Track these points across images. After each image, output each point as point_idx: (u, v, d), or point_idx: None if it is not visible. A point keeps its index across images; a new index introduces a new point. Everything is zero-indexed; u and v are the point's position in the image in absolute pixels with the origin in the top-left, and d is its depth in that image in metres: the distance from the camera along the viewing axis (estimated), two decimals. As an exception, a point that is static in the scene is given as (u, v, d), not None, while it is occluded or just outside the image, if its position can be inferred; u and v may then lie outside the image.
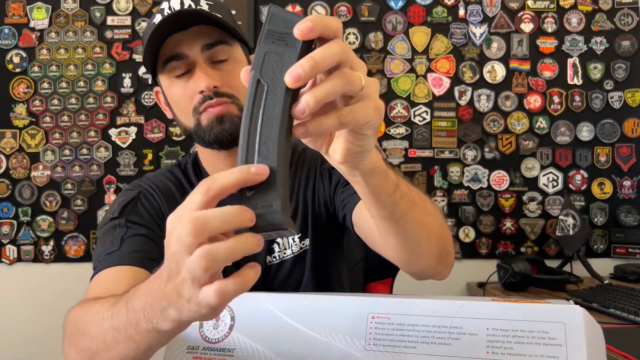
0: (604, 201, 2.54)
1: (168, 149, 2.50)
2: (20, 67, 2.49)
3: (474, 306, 0.70)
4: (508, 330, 0.66)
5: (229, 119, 1.14)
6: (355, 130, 0.61)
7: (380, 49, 2.54)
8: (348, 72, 0.57)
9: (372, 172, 0.70)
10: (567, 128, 2.54)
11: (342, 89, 0.57)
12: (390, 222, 0.81)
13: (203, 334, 0.83)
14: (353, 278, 1.58)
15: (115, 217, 1.19)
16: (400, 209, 0.79)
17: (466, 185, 2.53)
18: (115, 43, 2.50)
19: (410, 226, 0.83)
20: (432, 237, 0.88)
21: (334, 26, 0.58)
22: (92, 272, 1.10)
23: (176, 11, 1.10)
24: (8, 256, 2.47)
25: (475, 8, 2.54)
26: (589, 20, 2.55)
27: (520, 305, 0.69)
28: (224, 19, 1.13)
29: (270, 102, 0.57)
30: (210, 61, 1.16)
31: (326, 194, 1.27)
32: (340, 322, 0.76)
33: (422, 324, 0.71)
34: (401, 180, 0.79)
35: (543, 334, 0.65)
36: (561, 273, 2.23)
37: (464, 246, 2.53)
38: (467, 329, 0.68)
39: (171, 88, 1.18)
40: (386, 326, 0.73)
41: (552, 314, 0.66)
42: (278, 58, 0.57)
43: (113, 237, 1.15)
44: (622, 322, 1.56)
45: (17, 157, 2.48)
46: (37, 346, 2.43)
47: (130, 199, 1.23)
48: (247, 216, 0.55)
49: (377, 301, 0.76)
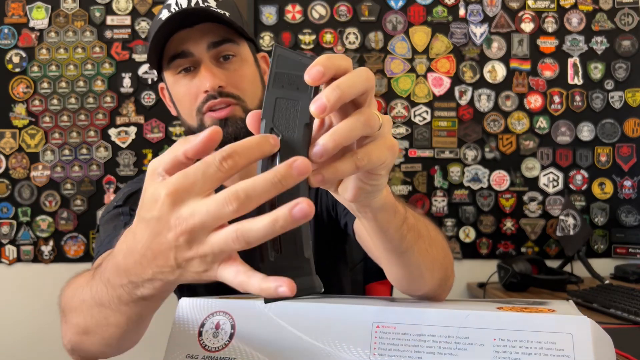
0: (604, 201, 2.54)
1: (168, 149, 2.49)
2: (20, 67, 2.48)
3: (480, 316, 0.70)
4: (515, 341, 0.66)
5: (233, 122, 1.13)
6: (369, 172, 0.59)
7: (380, 48, 2.53)
8: (367, 112, 0.54)
9: (381, 208, 0.68)
10: (568, 128, 2.54)
11: (361, 132, 0.54)
12: (395, 255, 0.79)
13: (202, 342, 0.82)
14: (353, 279, 1.58)
15: (119, 205, 1.19)
16: (406, 242, 0.77)
17: (466, 185, 2.53)
18: (114, 43, 2.50)
19: (415, 258, 0.81)
20: (436, 266, 0.86)
21: (345, 66, 0.54)
22: (94, 258, 1.10)
23: (183, 8, 1.09)
24: (8, 256, 2.46)
25: (476, 8, 2.54)
26: (589, 20, 2.55)
27: (527, 316, 0.68)
28: (231, 17, 1.12)
29: (285, 151, 0.52)
30: (216, 60, 1.15)
31: (329, 199, 1.26)
32: (344, 331, 0.75)
33: (427, 333, 0.70)
34: (409, 212, 0.77)
35: (551, 345, 0.64)
36: (562, 273, 2.23)
37: (464, 246, 2.52)
38: (473, 339, 0.68)
39: (176, 86, 1.18)
40: (391, 336, 0.72)
41: (560, 325, 0.65)
42: (291, 105, 0.54)
43: (116, 224, 1.15)
44: (622, 322, 1.56)
45: (16, 157, 2.48)
46: (37, 346, 2.43)
47: (135, 190, 1.23)
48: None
49: (382, 310, 0.75)
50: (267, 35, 2.50)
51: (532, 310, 0.71)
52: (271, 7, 2.52)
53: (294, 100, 0.53)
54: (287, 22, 2.53)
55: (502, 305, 0.76)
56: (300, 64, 0.53)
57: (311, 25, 2.53)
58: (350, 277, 1.49)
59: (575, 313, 0.70)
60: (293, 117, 0.53)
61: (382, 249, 0.79)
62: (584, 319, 0.66)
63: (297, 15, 2.53)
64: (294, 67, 0.54)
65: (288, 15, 2.53)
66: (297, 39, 2.52)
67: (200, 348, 0.82)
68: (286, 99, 0.54)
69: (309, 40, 2.52)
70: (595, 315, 1.65)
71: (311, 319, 0.78)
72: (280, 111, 0.54)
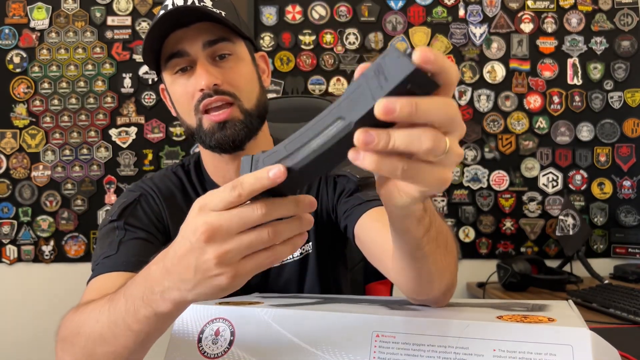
0: (603, 201, 2.54)
1: (168, 149, 2.50)
2: (21, 67, 2.48)
3: (480, 326, 0.70)
4: (515, 352, 0.66)
5: (231, 124, 1.12)
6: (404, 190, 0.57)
7: (380, 49, 2.53)
8: (435, 134, 0.51)
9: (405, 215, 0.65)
10: (567, 128, 2.54)
11: (417, 150, 0.51)
12: (410, 260, 0.77)
13: (202, 349, 0.82)
14: (353, 279, 1.58)
15: (114, 220, 1.19)
16: (423, 252, 0.74)
17: (466, 185, 2.53)
18: (115, 43, 2.50)
19: (429, 267, 0.78)
20: (445, 275, 0.83)
21: (453, 73, 0.51)
22: (90, 275, 1.10)
23: (176, 7, 1.08)
24: (8, 256, 2.47)
25: (475, 8, 2.54)
26: (588, 21, 2.55)
27: (527, 326, 0.68)
28: (226, 17, 1.11)
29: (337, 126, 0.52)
30: (212, 58, 1.14)
31: (329, 200, 1.26)
32: (344, 339, 0.75)
33: (427, 343, 0.71)
34: (435, 225, 0.72)
35: (550, 357, 0.64)
36: (561, 273, 2.23)
37: (464, 246, 2.53)
38: (473, 350, 0.68)
39: (173, 86, 1.17)
40: (391, 345, 0.72)
41: (560, 336, 0.65)
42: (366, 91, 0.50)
43: (111, 239, 1.14)
44: (622, 322, 1.57)
45: (17, 157, 2.48)
46: (37, 346, 2.44)
47: (130, 202, 1.22)
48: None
49: (382, 319, 0.76)
50: (267, 36, 2.51)
51: (532, 319, 0.71)
52: (271, 7, 2.52)
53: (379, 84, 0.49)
54: (287, 23, 2.53)
55: (502, 314, 0.76)
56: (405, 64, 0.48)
57: (311, 26, 2.53)
58: (350, 277, 1.49)
59: (576, 322, 0.70)
60: (362, 101, 0.50)
61: (398, 249, 0.78)
62: (585, 331, 0.66)
63: (297, 15, 2.53)
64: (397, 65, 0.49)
65: (288, 15, 2.53)
66: (297, 39, 2.52)
67: (199, 354, 0.82)
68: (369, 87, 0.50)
69: (309, 40, 2.52)
70: (594, 315, 1.66)
71: (311, 327, 0.78)
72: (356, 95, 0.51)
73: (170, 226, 1.23)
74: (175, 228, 1.23)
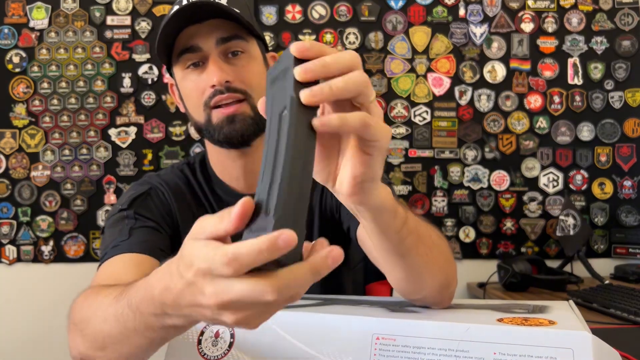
0: (604, 201, 2.54)
1: (168, 149, 2.50)
2: (20, 67, 2.48)
3: (481, 329, 0.70)
4: (515, 355, 0.66)
5: (241, 119, 1.13)
6: (362, 148, 0.59)
7: (380, 48, 2.53)
8: (364, 75, 0.56)
9: (380, 209, 0.69)
10: (568, 128, 2.54)
11: (355, 87, 0.55)
12: (395, 257, 0.80)
13: (201, 351, 0.82)
14: (353, 279, 1.58)
15: (124, 209, 1.18)
16: (406, 245, 0.77)
17: (466, 185, 2.53)
18: (115, 43, 2.49)
19: (414, 261, 0.81)
20: (435, 270, 0.86)
21: (348, 59, 0.56)
22: (100, 262, 1.09)
23: (192, 2, 1.09)
24: (8, 256, 2.46)
25: (476, 8, 2.54)
26: (589, 20, 2.54)
27: (527, 329, 0.68)
28: (241, 14, 1.12)
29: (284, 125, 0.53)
30: (224, 55, 1.15)
31: (333, 201, 1.26)
32: (344, 342, 0.75)
33: (428, 346, 0.70)
34: (410, 215, 0.77)
35: (551, 360, 0.64)
36: (562, 273, 2.23)
37: (464, 246, 2.53)
38: (473, 353, 0.68)
39: (184, 81, 1.18)
40: (391, 348, 0.72)
41: (561, 340, 0.65)
42: (281, 85, 0.55)
43: (122, 227, 1.14)
44: (622, 322, 1.56)
45: (16, 157, 2.47)
46: (37, 346, 2.43)
47: (141, 193, 1.23)
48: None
49: (382, 322, 0.75)
50: (267, 35, 2.50)
51: (532, 322, 0.71)
52: (271, 7, 2.52)
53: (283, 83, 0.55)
54: (287, 22, 2.53)
55: (502, 317, 0.75)
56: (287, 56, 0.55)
57: (311, 25, 2.53)
58: (351, 277, 1.49)
59: (577, 325, 0.70)
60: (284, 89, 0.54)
61: (382, 250, 0.79)
62: (585, 334, 0.66)
63: (297, 15, 2.53)
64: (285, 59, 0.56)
65: (288, 15, 2.53)
66: (297, 39, 2.52)
67: (199, 356, 0.81)
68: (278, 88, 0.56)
69: (309, 40, 2.52)
70: (595, 316, 1.65)
71: (311, 329, 0.78)
72: (276, 91, 0.56)
73: (179, 221, 1.24)
74: (184, 224, 1.23)
